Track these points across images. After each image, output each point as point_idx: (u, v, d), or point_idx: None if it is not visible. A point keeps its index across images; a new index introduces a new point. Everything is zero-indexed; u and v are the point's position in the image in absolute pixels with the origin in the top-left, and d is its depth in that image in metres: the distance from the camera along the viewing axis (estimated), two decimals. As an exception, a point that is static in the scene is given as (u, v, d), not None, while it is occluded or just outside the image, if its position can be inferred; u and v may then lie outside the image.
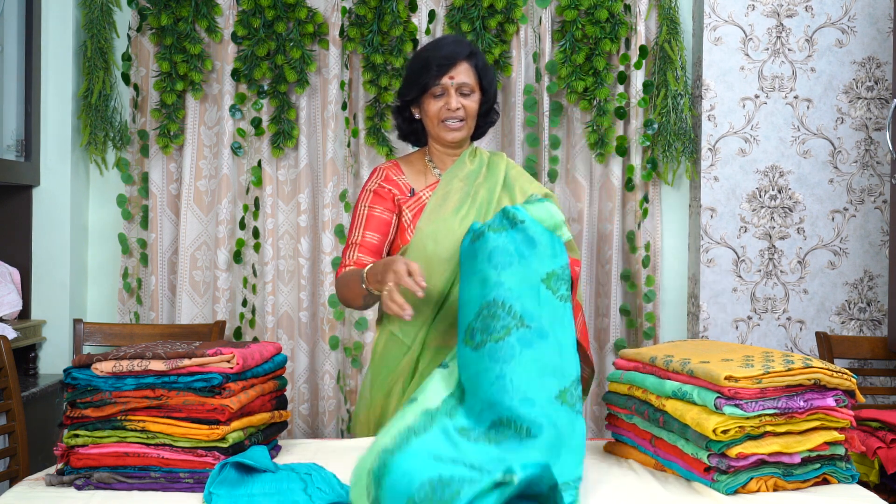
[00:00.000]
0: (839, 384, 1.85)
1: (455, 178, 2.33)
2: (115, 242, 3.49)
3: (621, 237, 3.45)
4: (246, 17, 3.35)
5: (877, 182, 3.38)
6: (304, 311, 3.43)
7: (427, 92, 2.30)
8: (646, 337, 3.41)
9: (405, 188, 2.34)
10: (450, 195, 2.31)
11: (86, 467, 1.83)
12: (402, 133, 2.45)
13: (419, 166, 2.40)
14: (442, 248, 2.22)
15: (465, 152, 2.38)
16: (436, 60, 2.28)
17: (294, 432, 3.42)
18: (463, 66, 2.29)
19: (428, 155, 2.41)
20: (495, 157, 2.42)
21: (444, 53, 2.28)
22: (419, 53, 2.34)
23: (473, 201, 2.30)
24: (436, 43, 2.35)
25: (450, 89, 2.28)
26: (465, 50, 2.31)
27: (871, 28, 3.36)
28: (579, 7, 3.33)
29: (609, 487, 1.85)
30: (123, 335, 3.19)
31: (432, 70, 2.27)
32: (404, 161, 2.42)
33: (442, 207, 2.29)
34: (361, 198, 2.35)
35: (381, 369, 2.32)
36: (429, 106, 2.31)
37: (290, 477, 1.82)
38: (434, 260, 2.21)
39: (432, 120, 2.32)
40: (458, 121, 2.30)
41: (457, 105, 2.28)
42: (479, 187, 2.33)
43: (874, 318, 3.39)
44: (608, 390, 2.16)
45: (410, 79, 2.33)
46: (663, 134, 3.37)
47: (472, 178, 2.34)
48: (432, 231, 2.25)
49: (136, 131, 3.44)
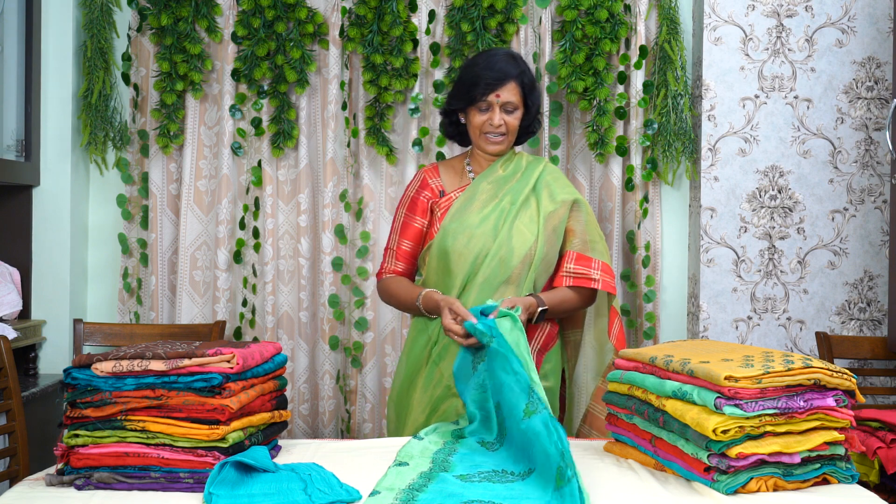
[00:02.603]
0: (839, 384, 1.85)
1: (484, 181, 2.53)
2: (115, 242, 3.49)
3: (621, 237, 3.45)
4: (246, 17, 3.35)
5: (877, 182, 3.38)
6: (304, 311, 3.43)
7: (473, 105, 2.47)
8: (646, 337, 3.41)
9: (436, 190, 2.56)
10: (476, 196, 2.50)
11: (86, 467, 1.83)
12: (447, 133, 2.65)
13: (457, 169, 2.61)
14: (459, 244, 2.43)
15: (500, 159, 2.56)
16: (485, 78, 2.44)
17: (294, 432, 3.42)
18: (511, 84, 2.47)
19: (468, 158, 2.61)
20: (535, 162, 2.59)
21: (495, 72, 2.45)
22: (471, 66, 2.51)
23: (497, 204, 2.48)
24: (488, 58, 2.50)
25: (495, 106, 2.46)
26: (514, 70, 2.48)
27: (871, 28, 3.36)
28: (579, 7, 3.33)
29: (609, 487, 1.85)
30: (123, 335, 3.19)
31: (480, 86, 2.45)
32: (443, 164, 2.64)
33: (467, 208, 2.49)
34: (402, 202, 2.60)
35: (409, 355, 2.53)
36: (473, 118, 2.50)
37: (290, 477, 1.82)
38: (452, 255, 2.43)
39: (475, 131, 2.51)
40: (499, 135, 2.49)
41: (500, 122, 2.47)
42: (506, 191, 2.50)
43: (874, 318, 3.39)
44: (608, 390, 2.16)
45: (460, 89, 2.51)
46: (663, 134, 3.37)
47: (501, 183, 2.52)
48: (453, 229, 2.46)
49: (136, 131, 3.44)
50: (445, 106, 2.59)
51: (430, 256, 2.52)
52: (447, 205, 2.53)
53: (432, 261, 2.51)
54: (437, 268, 2.49)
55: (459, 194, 2.54)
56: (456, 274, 2.44)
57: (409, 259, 2.57)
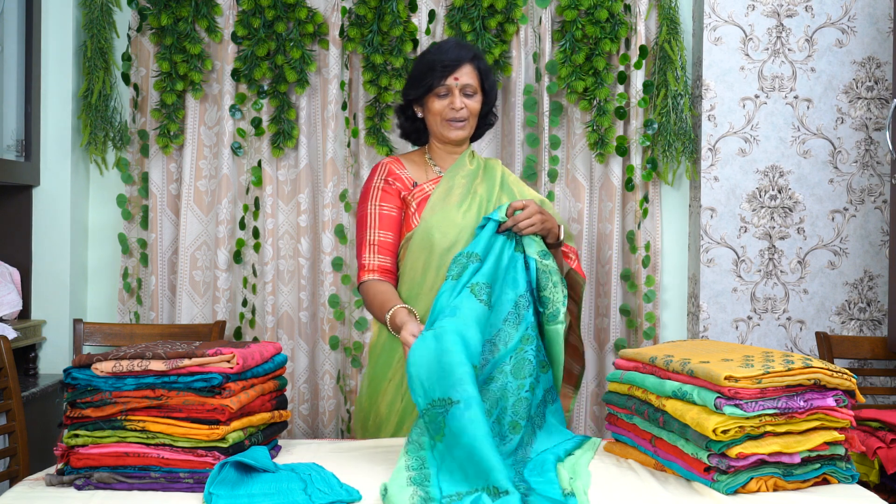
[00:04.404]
0: (839, 384, 1.85)
1: (458, 174, 2.45)
2: (115, 242, 3.49)
3: (621, 237, 3.45)
4: (246, 17, 3.35)
5: (877, 182, 3.38)
6: (304, 311, 3.43)
7: (431, 92, 2.42)
8: (646, 337, 3.41)
9: (408, 181, 2.45)
10: (453, 190, 2.42)
11: (86, 467, 1.83)
12: (403, 131, 2.57)
13: (420, 163, 2.52)
14: (446, 238, 2.33)
15: (465, 152, 2.50)
16: (441, 62, 2.40)
17: (294, 432, 3.42)
18: (467, 68, 2.43)
19: (428, 153, 2.53)
20: (491, 161, 2.55)
21: (450, 56, 2.41)
22: (423, 56, 2.47)
23: (474, 198, 2.41)
24: (440, 46, 2.47)
25: (454, 90, 2.41)
26: (469, 53, 2.44)
27: (871, 28, 3.36)
28: (579, 7, 3.33)
29: (609, 487, 1.85)
30: (123, 335, 3.19)
31: (437, 71, 2.40)
32: (405, 157, 2.54)
33: (446, 200, 2.40)
34: (370, 195, 2.44)
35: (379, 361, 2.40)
36: (433, 105, 2.43)
37: (290, 477, 1.82)
38: (437, 250, 2.33)
39: (436, 118, 2.44)
40: (461, 120, 2.43)
41: (461, 105, 2.41)
42: (479, 186, 2.44)
43: (874, 318, 3.39)
44: (608, 390, 2.16)
45: (415, 79, 2.45)
46: (663, 134, 3.37)
47: (472, 177, 2.46)
48: (437, 222, 2.36)
49: (136, 131, 3.44)
50: (402, 99, 2.50)
51: (409, 250, 2.37)
52: (423, 196, 2.41)
53: (412, 255, 2.36)
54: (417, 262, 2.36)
55: (433, 186, 2.43)
56: (439, 269, 2.31)
57: (393, 251, 2.39)
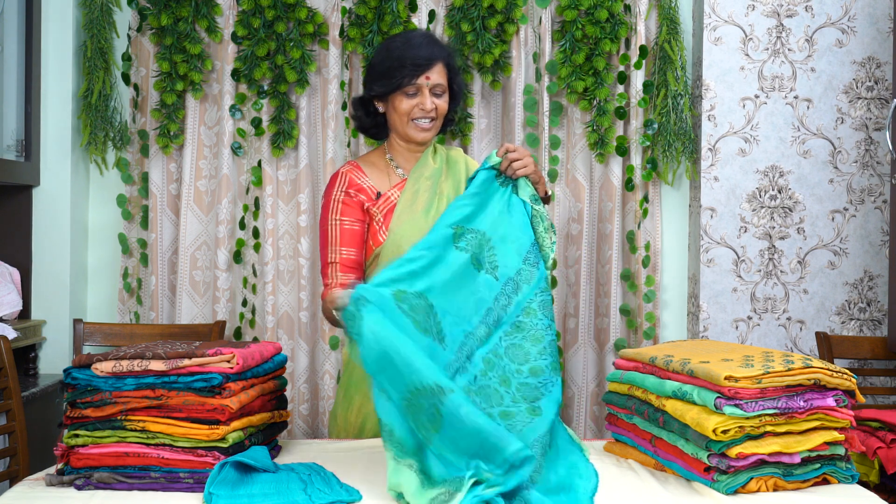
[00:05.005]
0: (839, 384, 1.85)
1: (421, 177, 2.32)
2: (115, 242, 3.49)
3: (621, 237, 3.45)
4: (246, 17, 3.35)
5: (877, 182, 3.38)
6: (304, 311, 3.43)
7: (400, 90, 2.26)
8: (646, 337, 3.41)
9: (371, 192, 2.30)
10: (418, 195, 2.29)
11: (86, 467, 1.84)
12: (360, 125, 2.41)
13: (381, 166, 2.36)
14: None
15: (427, 150, 2.36)
16: (413, 59, 2.24)
17: (294, 432, 3.42)
18: (439, 66, 2.28)
19: (389, 153, 2.38)
20: (452, 152, 2.41)
21: (422, 54, 2.25)
22: (390, 49, 2.29)
23: (441, 199, 2.29)
24: (408, 40, 2.30)
25: (424, 89, 2.26)
26: (442, 52, 2.30)
27: (871, 28, 3.36)
28: (579, 7, 3.33)
29: (609, 487, 1.85)
30: (123, 335, 3.19)
31: (408, 68, 2.24)
32: (364, 162, 2.38)
33: (412, 208, 2.28)
34: (330, 208, 2.29)
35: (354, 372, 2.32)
36: (400, 104, 2.28)
37: (290, 477, 1.83)
38: None
39: (402, 118, 2.29)
40: (429, 121, 2.29)
41: (431, 106, 2.27)
42: (444, 184, 2.32)
43: (874, 318, 3.39)
44: (608, 390, 2.16)
45: (381, 74, 2.28)
46: (663, 134, 3.37)
47: (437, 176, 2.33)
48: (406, 232, 2.23)
49: (136, 131, 3.44)
50: (365, 94, 2.34)
51: (378, 266, 2.24)
52: (388, 206, 2.28)
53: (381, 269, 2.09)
54: None
55: (397, 193, 2.30)
56: None
57: (358, 269, 2.25)
